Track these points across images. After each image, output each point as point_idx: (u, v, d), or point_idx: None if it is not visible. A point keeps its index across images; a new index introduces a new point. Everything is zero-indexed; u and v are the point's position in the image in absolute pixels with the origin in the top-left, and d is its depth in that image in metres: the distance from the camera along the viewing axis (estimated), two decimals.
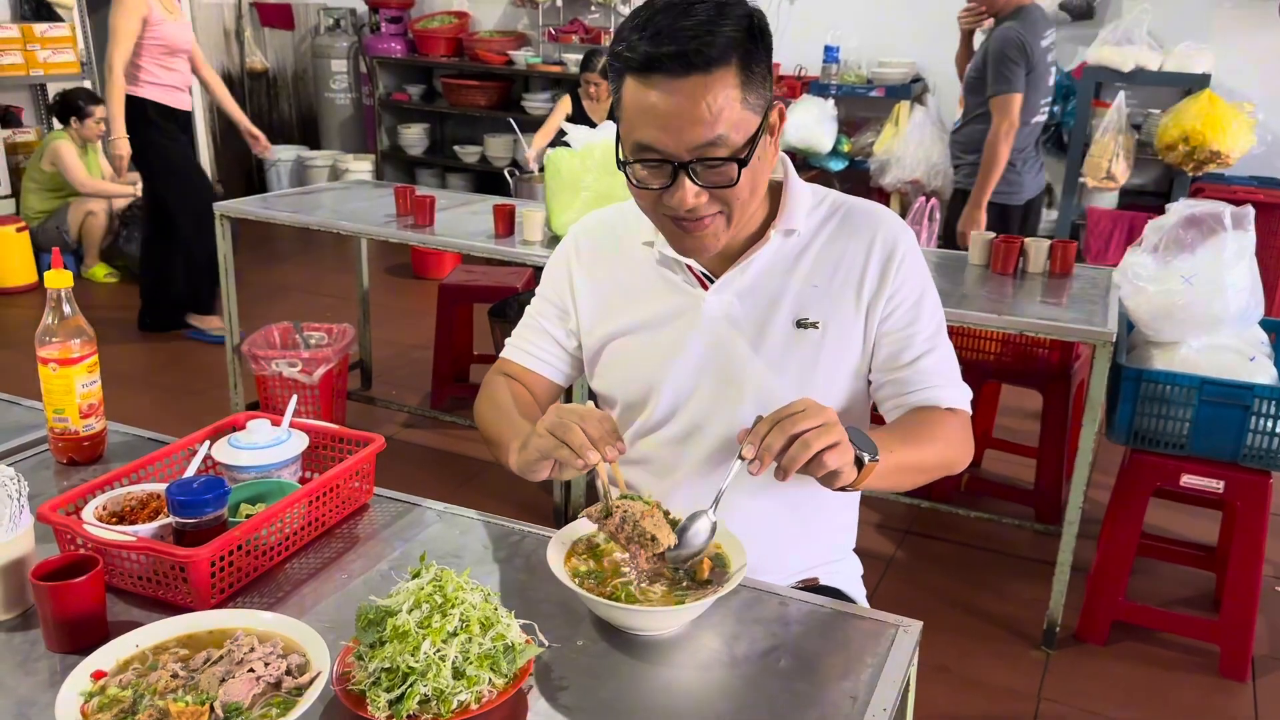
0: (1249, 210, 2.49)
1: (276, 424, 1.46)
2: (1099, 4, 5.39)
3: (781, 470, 1.14)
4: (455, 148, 7.15)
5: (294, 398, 1.64)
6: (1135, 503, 2.59)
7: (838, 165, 5.76)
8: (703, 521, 1.21)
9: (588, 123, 4.37)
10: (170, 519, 1.22)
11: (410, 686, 0.97)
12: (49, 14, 6.02)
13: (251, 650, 1.03)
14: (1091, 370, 2.52)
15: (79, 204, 5.70)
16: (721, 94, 1.18)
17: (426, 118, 7.37)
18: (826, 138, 5.52)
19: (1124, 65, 4.97)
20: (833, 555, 1.55)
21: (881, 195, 5.40)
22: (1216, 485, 2.48)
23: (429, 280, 5.76)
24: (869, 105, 5.81)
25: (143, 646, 1.05)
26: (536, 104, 6.59)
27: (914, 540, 3.24)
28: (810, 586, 1.47)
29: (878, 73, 5.69)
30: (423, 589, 1.03)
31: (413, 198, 3.40)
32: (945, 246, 3.87)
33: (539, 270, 1.58)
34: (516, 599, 1.21)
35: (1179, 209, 2.53)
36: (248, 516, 1.27)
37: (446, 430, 3.93)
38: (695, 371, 1.41)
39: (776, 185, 1.40)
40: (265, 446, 1.42)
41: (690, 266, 1.41)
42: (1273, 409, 2.35)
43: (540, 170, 3.77)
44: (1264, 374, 2.46)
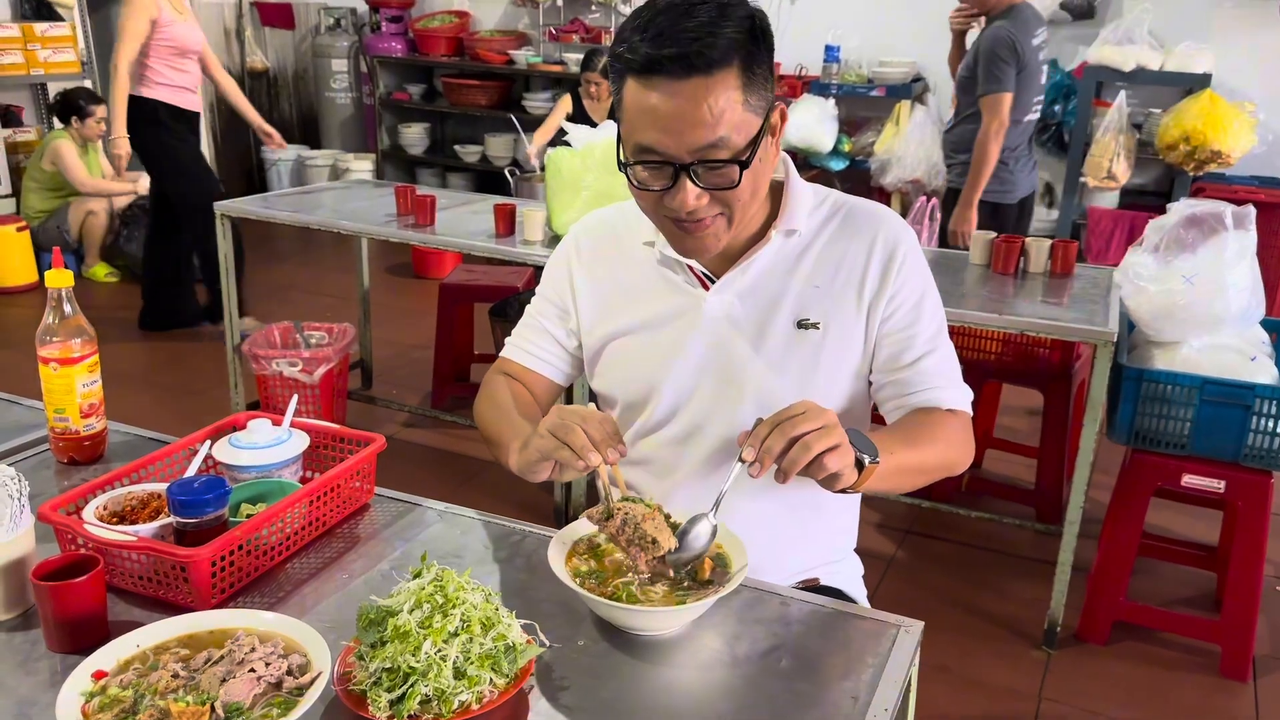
0: (1250, 210, 2.48)
1: (277, 424, 1.46)
2: (1100, 3, 5.38)
3: (782, 473, 1.14)
4: (456, 147, 7.15)
5: (295, 397, 1.63)
6: (1136, 502, 2.59)
7: (838, 165, 5.76)
8: (703, 525, 1.21)
9: (588, 122, 4.36)
10: (171, 519, 1.22)
11: (411, 686, 0.97)
12: (49, 13, 6.02)
13: (252, 650, 1.03)
14: (1092, 370, 2.52)
15: (79, 203, 5.70)
16: (723, 96, 1.17)
17: (427, 117, 7.37)
18: (827, 137, 5.52)
19: (1125, 65, 4.96)
20: (833, 556, 1.54)
21: (882, 195, 5.40)
22: (1217, 485, 2.48)
23: (429, 280, 5.76)
24: (870, 105, 5.81)
25: (143, 646, 1.05)
26: (537, 103, 6.58)
27: (915, 540, 3.24)
28: (811, 587, 1.46)
29: (878, 72, 5.68)
30: (424, 589, 1.03)
31: (413, 197, 3.40)
32: (941, 246, 3.87)
33: (540, 270, 1.57)
34: (517, 599, 1.21)
35: (1180, 209, 2.53)
36: (248, 516, 1.27)
37: (447, 430, 3.93)
38: (696, 372, 1.41)
39: (778, 185, 1.40)
40: (266, 446, 1.41)
41: (691, 267, 1.40)
42: (1274, 409, 2.35)
43: (541, 168, 3.77)
44: (1265, 374, 2.45)
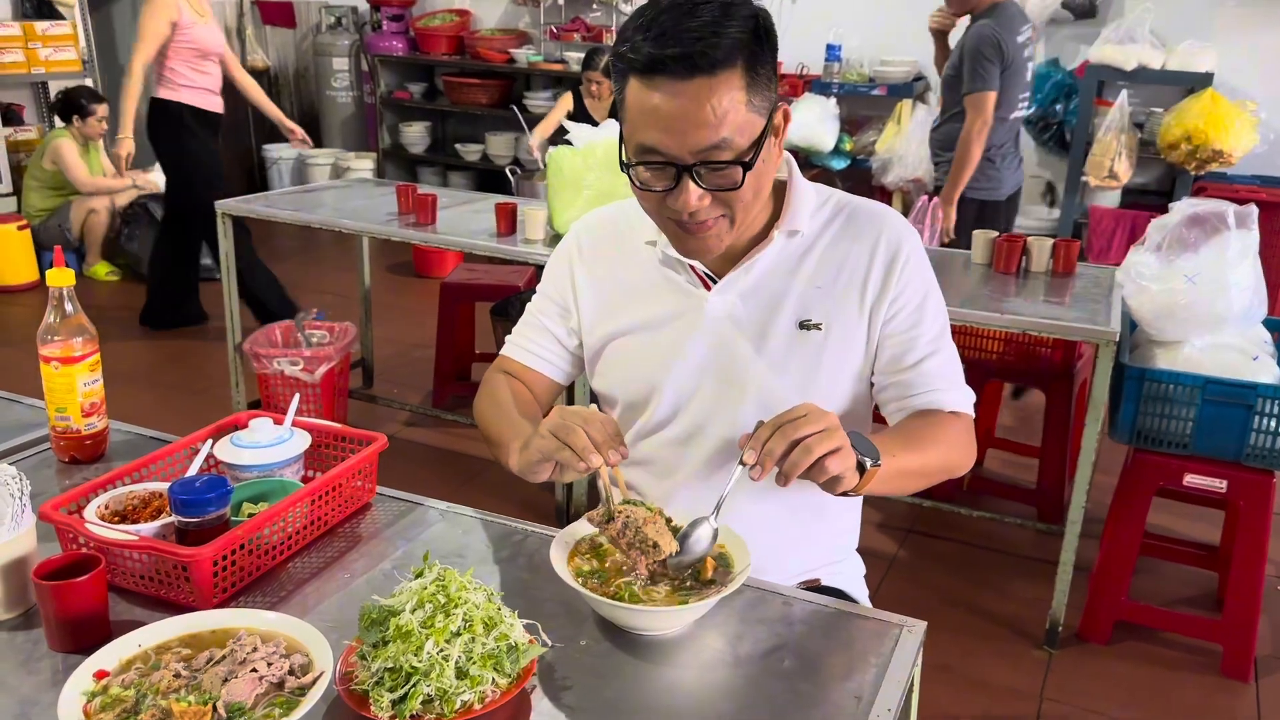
0: (1252, 209, 2.48)
1: (279, 423, 1.46)
2: (1101, 2, 5.38)
3: (783, 476, 1.13)
4: (457, 146, 7.15)
5: (296, 396, 1.63)
6: (1138, 502, 2.59)
7: (840, 164, 5.76)
8: (704, 528, 1.21)
9: (590, 121, 4.36)
10: (172, 518, 1.22)
11: (413, 686, 0.97)
12: (50, 12, 6.02)
13: (254, 650, 1.02)
14: (1094, 369, 2.52)
15: (81, 202, 5.70)
16: (726, 96, 1.17)
17: (428, 116, 7.36)
18: (829, 136, 5.52)
19: (1126, 64, 4.96)
20: (835, 556, 1.54)
21: (884, 194, 5.40)
22: (1219, 485, 2.48)
23: (431, 279, 5.76)
24: (871, 104, 5.81)
25: (145, 646, 1.05)
26: (538, 102, 6.58)
27: (916, 539, 3.24)
28: (812, 587, 1.46)
29: (880, 71, 5.68)
30: (426, 588, 1.03)
31: (414, 196, 3.40)
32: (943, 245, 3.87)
33: (541, 269, 1.57)
34: (519, 599, 1.21)
35: (1182, 208, 2.52)
36: (250, 515, 1.27)
37: (448, 429, 3.93)
38: (697, 372, 1.40)
39: (780, 185, 1.39)
40: (268, 445, 1.41)
41: (693, 266, 1.40)
42: (1276, 408, 2.35)
43: (542, 160, 3.77)
44: (1267, 373, 2.45)
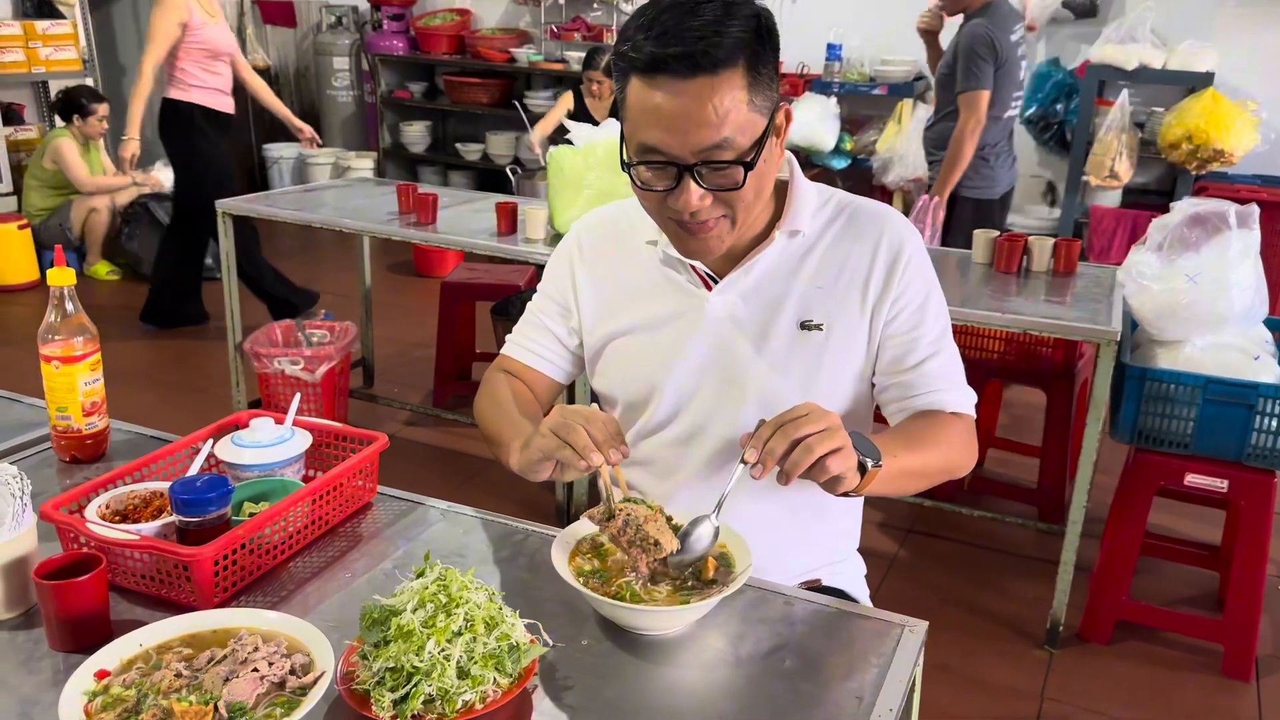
0: (1254, 209, 2.48)
1: (280, 422, 1.45)
2: (1102, 2, 5.37)
3: (784, 475, 1.13)
4: (457, 145, 7.15)
5: (297, 396, 1.63)
6: (1139, 502, 2.59)
7: (840, 163, 5.76)
8: (705, 527, 1.21)
9: (590, 121, 4.36)
10: (173, 517, 1.22)
11: (415, 686, 0.96)
12: (51, 11, 6.02)
13: (255, 650, 1.02)
14: (1095, 369, 2.51)
15: (81, 201, 5.70)
16: (728, 96, 1.16)
17: (428, 115, 7.36)
18: (829, 136, 5.51)
19: (1127, 63, 4.96)
20: (835, 557, 1.54)
21: (884, 193, 5.40)
22: (1221, 484, 2.48)
23: (431, 278, 5.75)
24: (872, 103, 5.80)
25: (146, 646, 1.05)
26: (538, 102, 6.58)
27: (917, 539, 3.23)
28: (813, 587, 1.46)
29: (880, 70, 5.67)
30: (427, 588, 1.03)
31: (415, 195, 3.40)
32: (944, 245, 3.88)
33: (541, 268, 1.57)
34: (520, 598, 1.21)
35: (1184, 207, 2.52)
36: (251, 515, 1.27)
37: (449, 428, 3.93)
38: (698, 372, 1.40)
39: (782, 185, 1.39)
40: (269, 445, 1.41)
41: (694, 266, 1.39)
42: (1277, 408, 2.35)
43: (543, 155, 3.77)
44: (1268, 373, 2.45)
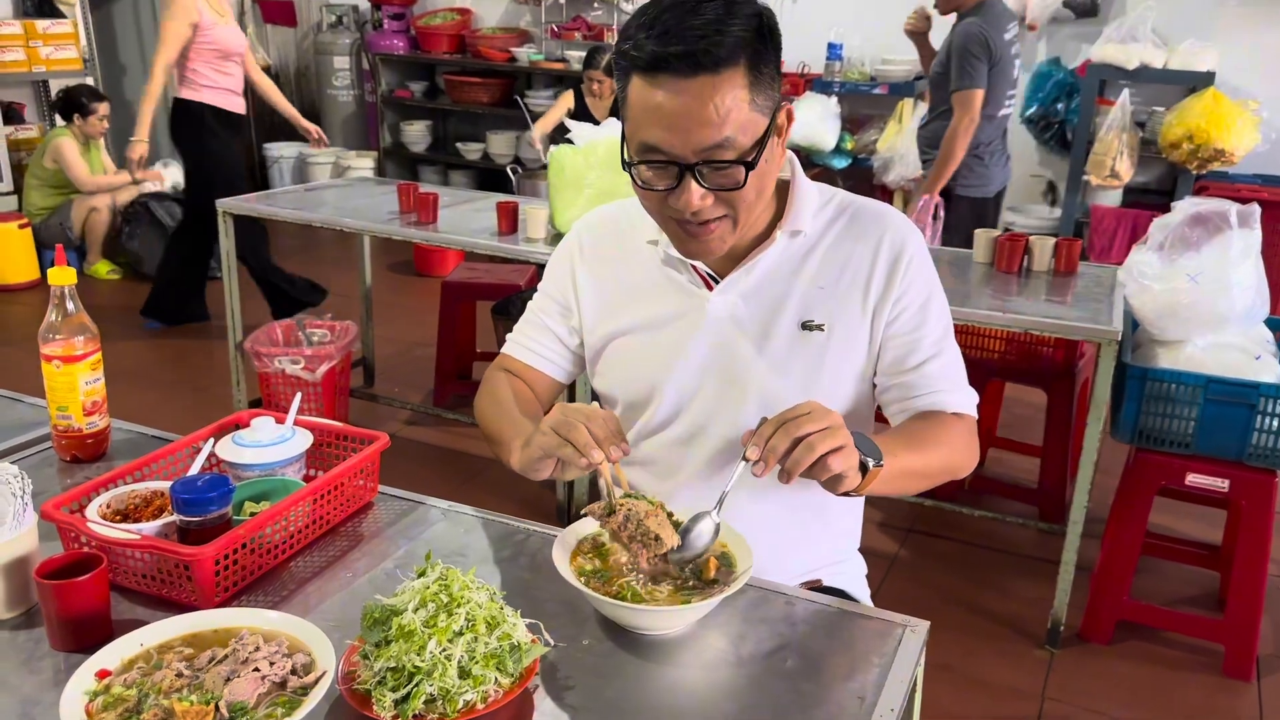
0: (1255, 208, 2.48)
1: (281, 421, 1.45)
2: (1103, 1, 5.37)
3: (785, 473, 1.13)
4: (458, 145, 7.15)
5: (298, 395, 1.63)
6: (1140, 501, 2.59)
7: (841, 163, 5.75)
8: (706, 523, 1.20)
9: (591, 120, 4.35)
10: (174, 517, 1.22)
11: (416, 686, 0.96)
12: (51, 10, 6.02)
13: (256, 649, 1.02)
14: (1096, 368, 2.51)
15: (82, 200, 5.70)
16: (729, 95, 1.16)
17: (429, 115, 7.36)
18: (830, 135, 5.51)
19: (1128, 63, 4.95)
20: (836, 558, 1.54)
21: (885, 193, 5.40)
22: (1222, 484, 2.48)
23: (432, 277, 5.75)
24: (872, 102, 5.80)
25: (147, 645, 1.05)
26: (539, 101, 6.58)
27: (917, 539, 3.23)
28: (814, 588, 1.46)
29: (881, 70, 5.67)
30: (428, 588, 1.03)
31: (415, 195, 3.40)
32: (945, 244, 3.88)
33: (542, 267, 1.57)
34: (522, 598, 1.20)
35: (1185, 207, 2.52)
36: (252, 514, 1.27)
37: (449, 428, 3.93)
38: (699, 372, 1.40)
39: (783, 184, 1.39)
40: (270, 444, 1.41)
41: (695, 266, 1.39)
42: (1278, 408, 2.34)
43: (544, 152, 3.77)
44: (1269, 373, 2.45)
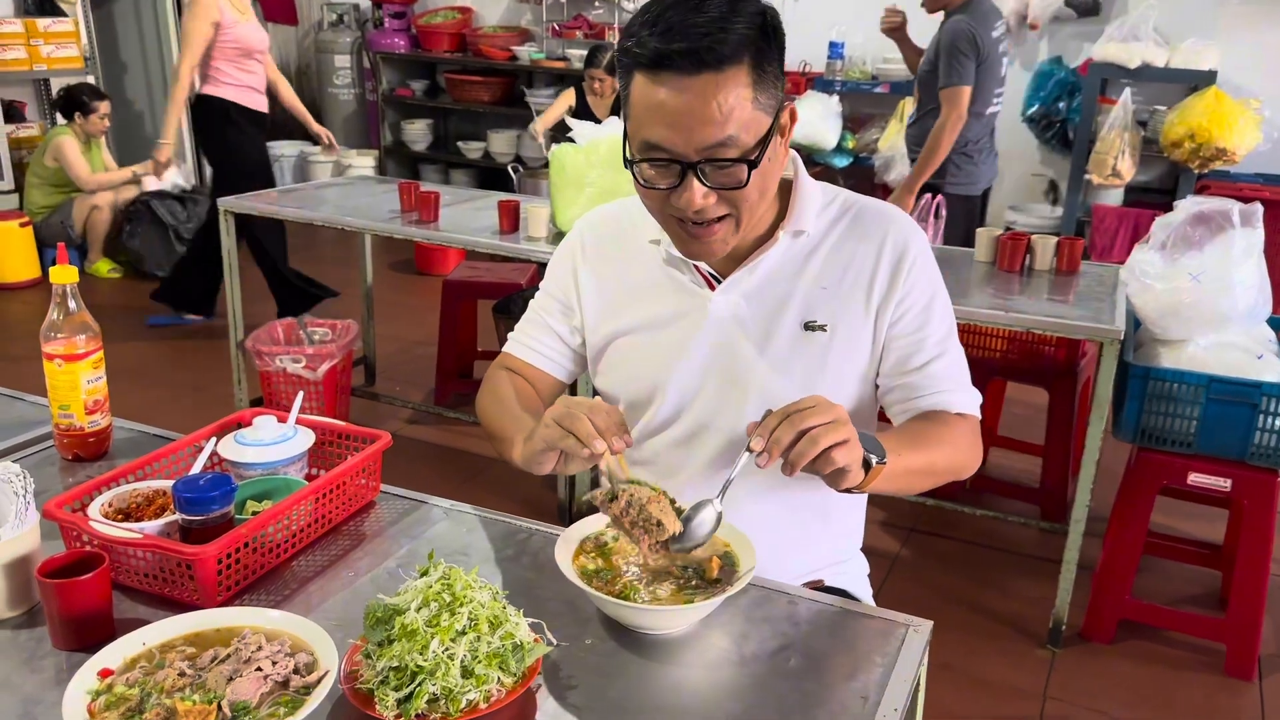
0: (1257, 207, 2.47)
1: (283, 420, 1.45)
2: (1105, 0, 5.37)
3: (789, 465, 1.12)
4: (459, 143, 7.15)
5: (300, 394, 1.63)
6: (1142, 501, 2.59)
7: (842, 162, 5.75)
8: (708, 511, 1.20)
9: (592, 119, 4.35)
10: (176, 516, 1.22)
11: (419, 685, 0.96)
12: (52, 9, 6.01)
13: (259, 649, 1.02)
14: (1098, 368, 2.51)
15: (83, 199, 5.70)
16: (733, 93, 1.16)
17: (430, 113, 7.36)
18: (831, 134, 5.51)
19: (1130, 62, 4.95)
20: (838, 558, 1.53)
21: (886, 192, 5.37)
22: (1224, 484, 2.48)
23: (433, 276, 5.75)
24: (873, 101, 5.80)
25: (150, 644, 1.05)
26: (540, 100, 6.58)
27: (919, 538, 3.23)
28: (816, 588, 1.45)
29: (882, 69, 5.68)
30: (431, 587, 1.03)
31: (417, 193, 3.40)
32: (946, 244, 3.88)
33: (543, 266, 1.57)
34: (524, 597, 1.20)
35: (1187, 206, 2.52)
36: (254, 513, 1.27)
37: (450, 426, 3.93)
38: (700, 372, 1.40)
39: (786, 184, 1.38)
40: (272, 443, 1.41)
41: (697, 266, 1.39)
42: None
43: (547, 147, 3.77)
44: (1272, 372, 2.44)
